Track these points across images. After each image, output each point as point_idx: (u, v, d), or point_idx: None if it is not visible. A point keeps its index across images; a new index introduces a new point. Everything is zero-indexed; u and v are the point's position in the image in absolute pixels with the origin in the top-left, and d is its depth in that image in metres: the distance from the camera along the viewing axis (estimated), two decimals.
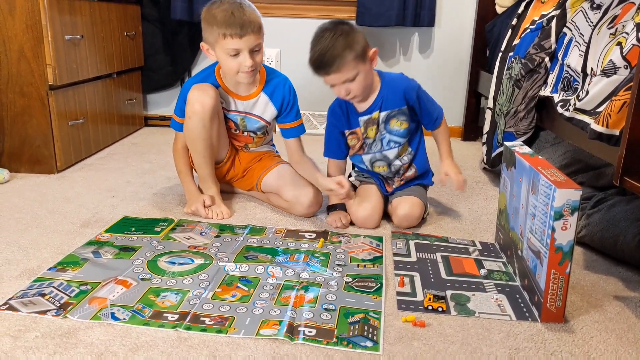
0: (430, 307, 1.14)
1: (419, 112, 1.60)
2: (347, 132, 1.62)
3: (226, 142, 1.73)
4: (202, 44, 1.56)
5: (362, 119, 1.59)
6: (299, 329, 1.04)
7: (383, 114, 1.57)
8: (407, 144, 1.62)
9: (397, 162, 1.62)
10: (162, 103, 2.93)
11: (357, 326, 1.06)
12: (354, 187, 1.68)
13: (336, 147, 1.65)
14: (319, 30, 1.48)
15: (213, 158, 1.67)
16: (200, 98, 1.55)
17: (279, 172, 1.71)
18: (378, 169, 1.65)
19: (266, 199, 1.76)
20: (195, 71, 2.85)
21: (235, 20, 1.45)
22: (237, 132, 1.73)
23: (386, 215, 1.66)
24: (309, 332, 1.03)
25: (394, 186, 1.67)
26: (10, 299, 1.12)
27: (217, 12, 1.48)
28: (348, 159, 1.70)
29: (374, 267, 1.33)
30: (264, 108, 1.67)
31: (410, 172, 1.66)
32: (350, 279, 1.26)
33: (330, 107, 1.63)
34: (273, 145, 1.88)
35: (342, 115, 1.61)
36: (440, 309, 1.14)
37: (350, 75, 1.46)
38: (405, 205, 1.57)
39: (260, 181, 1.73)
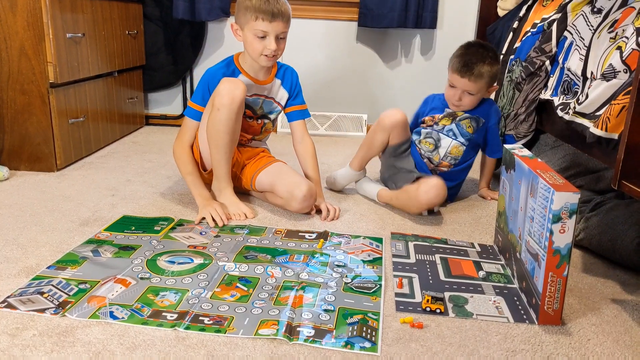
0: (428, 309, 1.14)
1: (489, 134, 1.83)
2: (426, 118, 1.84)
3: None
4: (232, 23, 1.65)
5: (448, 110, 1.81)
6: (298, 329, 1.05)
7: (464, 115, 1.79)
8: (462, 151, 1.78)
9: (442, 152, 1.79)
10: (163, 102, 2.93)
11: (355, 327, 1.06)
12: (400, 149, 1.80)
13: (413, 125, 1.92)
14: (479, 44, 1.75)
15: (232, 155, 1.67)
16: (231, 91, 1.56)
17: (272, 170, 1.72)
18: (424, 144, 1.81)
19: (264, 198, 1.77)
20: (196, 70, 2.86)
21: (269, 6, 1.55)
22: (252, 120, 1.75)
23: (390, 216, 1.67)
24: (308, 332, 1.04)
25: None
26: (8, 297, 1.12)
27: None
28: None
29: (373, 268, 1.33)
30: (277, 91, 1.76)
31: (444, 166, 1.80)
32: (349, 280, 1.26)
33: (428, 96, 1.90)
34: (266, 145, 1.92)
35: (431, 103, 1.86)
36: (438, 311, 1.14)
37: (474, 90, 1.71)
38: (437, 180, 1.65)
39: (254, 180, 1.74)
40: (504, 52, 2.09)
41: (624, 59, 1.25)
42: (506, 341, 1.05)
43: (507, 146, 1.37)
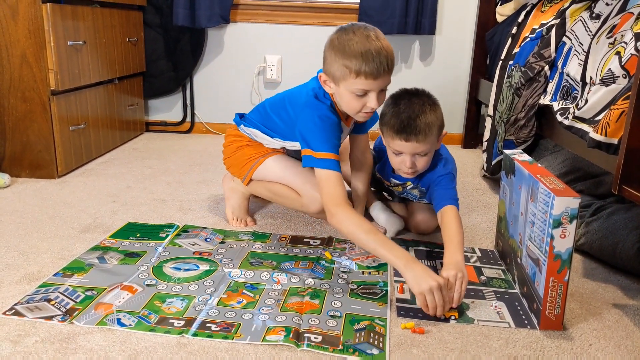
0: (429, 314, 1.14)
1: (437, 187, 1.47)
2: (377, 173, 1.65)
3: None
4: (320, 74, 1.36)
5: (394, 180, 1.58)
6: (305, 335, 1.05)
7: (410, 186, 1.56)
8: (427, 197, 1.61)
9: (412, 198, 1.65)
10: (163, 109, 2.94)
11: (363, 333, 1.06)
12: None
13: None
14: (407, 93, 1.43)
15: None
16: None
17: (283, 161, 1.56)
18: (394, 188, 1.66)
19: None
20: (197, 77, 2.86)
21: (373, 56, 1.24)
22: None
23: None
24: (315, 338, 1.04)
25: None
26: (16, 304, 1.12)
27: (351, 42, 1.27)
28: None
29: (379, 274, 1.33)
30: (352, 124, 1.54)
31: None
32: (355, 286, 1.26)
33: (379, 143, 1.63)
34: None
35: (380, 160, 1.62)
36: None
37: (426, 149, 1.39)
38: (424, 213, 1.58)
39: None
40: (503, 57, 2.10)
41: (623, 64, 1.25)
42: (508, 346, 1.05)
43: (507, 151, 1.38)
